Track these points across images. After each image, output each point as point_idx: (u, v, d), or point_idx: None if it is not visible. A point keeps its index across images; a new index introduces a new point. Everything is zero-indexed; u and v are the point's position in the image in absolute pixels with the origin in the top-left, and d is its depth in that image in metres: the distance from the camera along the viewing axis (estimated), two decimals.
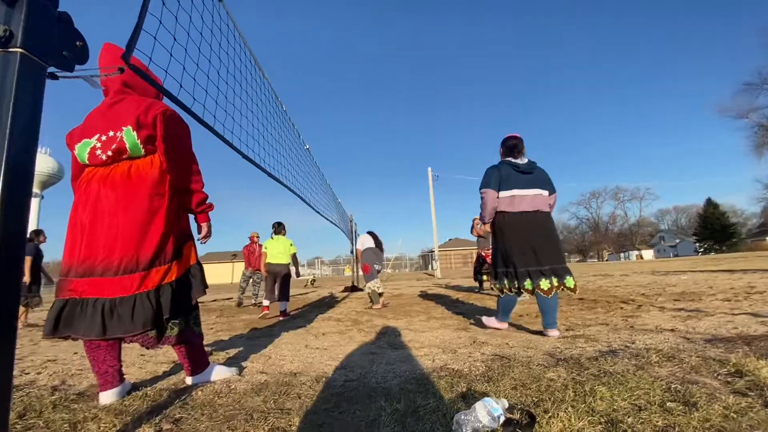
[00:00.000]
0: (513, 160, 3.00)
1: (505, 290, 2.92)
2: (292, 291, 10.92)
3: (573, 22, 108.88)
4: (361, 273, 6.27)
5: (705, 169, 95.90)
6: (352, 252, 12.74)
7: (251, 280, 7.67)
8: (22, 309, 5.35)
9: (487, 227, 3.13)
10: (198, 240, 1.96)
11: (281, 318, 5.06)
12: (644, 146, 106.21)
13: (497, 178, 2.94)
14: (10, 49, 0.77)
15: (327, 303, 7.10)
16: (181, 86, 1.71)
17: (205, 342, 3.35)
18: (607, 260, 56.20)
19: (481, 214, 3.06)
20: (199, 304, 1.98)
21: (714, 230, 46.82)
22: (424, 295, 7.29)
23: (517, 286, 2.82)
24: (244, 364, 2.35)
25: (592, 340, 2.45)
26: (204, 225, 1.96)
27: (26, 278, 5.32)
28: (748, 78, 33.24)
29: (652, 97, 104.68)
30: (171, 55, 1.68)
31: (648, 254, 54.48)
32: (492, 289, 3.17)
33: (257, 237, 7.72)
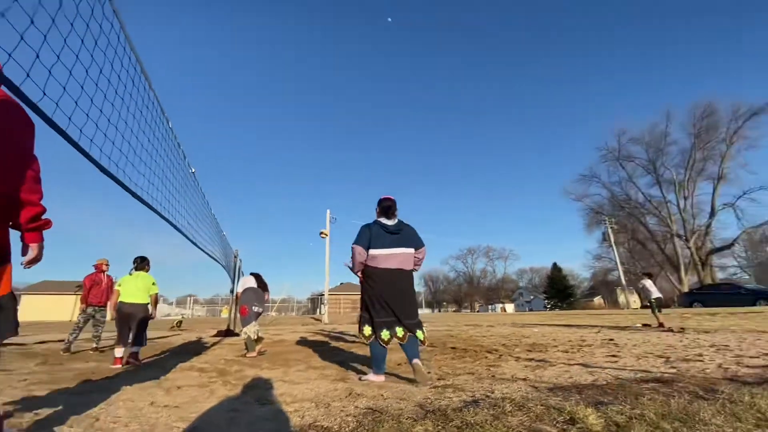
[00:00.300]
0: (383, 221, 3.30)
1: (366, 337, 3.10)
2: (154, 334, 9.34)
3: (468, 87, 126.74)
4: (239, 316, 5.70)
5: (554, 235, 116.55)
6: (232, 291, 11.62)
7: (92, 320, 6.23)
8: None
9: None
10: (21, 264, 1.52)
11: (129, 364, 4.28)
12: (510, 211, 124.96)
13: (368, 236, 3.22)
14: None
15: (192, 349, 6.19)
16: (27, 75, 1.40)
17: (10, 398, 2.55)
18: (478, 311, 62.74)
19: (351, 268, 3.34)
20: (19, 346, 1.51)
21: (558, 290, 56.59)
22: (307, 342, 6.93)
23: (375, 335, 3.05)
24: (57, 429, 1.83)
25: (459, 389, 2.59)
26: (35, 246, 1.51)
27: None
28: (582, 171, 43.53)
29: (515, 169, 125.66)
30: (22, 38, 1.39)
31: (510, 307, 62.37)
32: (358, 336, 3.32)
33: (106, 265, 6.40)
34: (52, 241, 1.63)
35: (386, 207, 3.34)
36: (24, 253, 1.52)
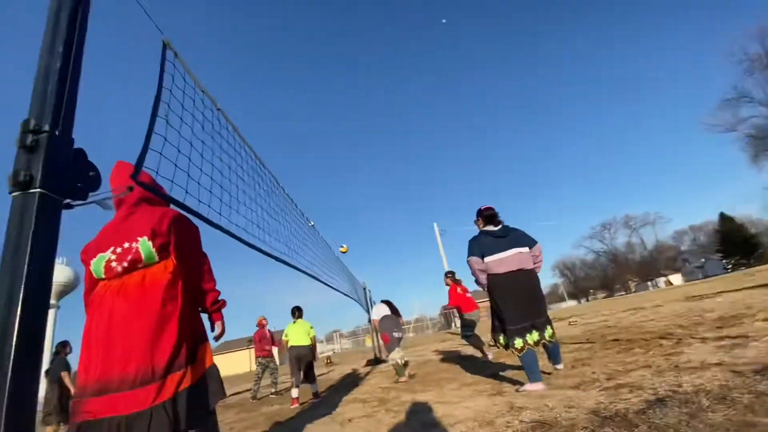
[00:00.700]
0: (489, 229, 3.36)
1: (503, 346, 3.13)
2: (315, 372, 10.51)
3: (566, 53, 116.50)
4: (382, 343, 6.06)
5: (709, 184, 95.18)
6: (369, 321, 12.37)
7: (268, 369, 7.33)
8: (52, 429, 5.10)
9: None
10: (213, 338, 1.95)
11: (314, 400, 5.11)
12: (639, 171, 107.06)
13: (479, 247, 3.28)
14: (30, 191, 0.85)
15: (351, 382, 6.72)
16: (186, 192, 1.82)
17: None
18: (634, 291, 53.66)
19: (476, 280, 3.35)
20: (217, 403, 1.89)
21: (736, 244, 45.31)
22: (452, 359, 6.91)
23: (509, 344, 3.04)
24: None
25: (636, 388, 2.27)
26: (218, 323, 1.96)
27: (74, 392, 5.15)
28: (724, 94, 34.35)
29: (635, 123, 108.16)
30: (176, 165, 1.81)
31: (676, 279, 52.03)
32: (491, 345, 3.49)
33: (265, 321, 7.58)
34: (225, 311, 2.05)
35: (490, 215, 3.41)
36: (212, 329, 1.96)
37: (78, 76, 1.05)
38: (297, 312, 5.92)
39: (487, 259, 3.21)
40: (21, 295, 0.76)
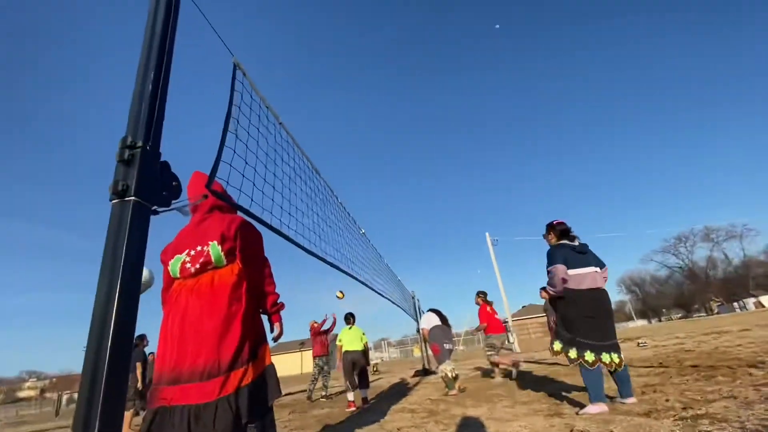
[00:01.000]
0: (570, 243, 3.30)
1: (571, 360, 2.98)
2: None
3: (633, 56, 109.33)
4: (431, 353, 6.00)
5: None
6: (418, 331, 12.25)
7: (322, 371, 7.52)
8: (130, 414, 5.68)
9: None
10: (272, 339, 2.06)
11: (364, 405, 5.18)
12: (720, 178, 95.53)
13: (563, 256, 3.17)
14: (126, 199, 0.98)
15: (399, 391, 6.69)
16: (252, 200, 1.96)
17: None
18: (717, 312, 47.55)
19: (554, 290, 3.19)
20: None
21: None
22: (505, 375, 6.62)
23: (579, 356, 2.91)
24: None
25: (718, 420, 2.02)
26: (277, 324, 2.07)
27: (139, 384, 5.75)
28: None
29: (713, 132, 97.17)
30: (243, 175, 1.96)
31: None
32: (556, 356, 3.22)
33: (316, 323, 7.84)
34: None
35: (564, 230, 3.39)
36: (272, 330, 2.08)
37: (165, 98, 1.19)
38: (351, 318, 6.09)
39: (570, 271, 3.13)
40: (117, 292, 0.87)
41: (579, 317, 3.03)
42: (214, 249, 1.86)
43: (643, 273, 67.11)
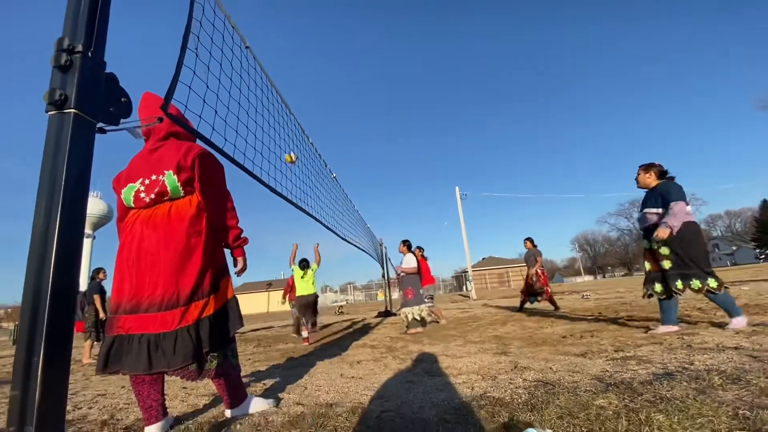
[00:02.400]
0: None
1: (677, 291, 3.19)
2: (328, 319, 11.08)
3: (604, 29, 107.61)
4: (396, 296, 6.36)
5: (755, 169, 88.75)
6: (383, 276, 12.69)
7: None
8: (89, 343, 5.68)
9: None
10: (234, 273, 2.04)
11: (315, 330, 6.34)
12: (682, 150, 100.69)
13: (683, 194, 3.31)
14: (65, 110, 0.86)
15: (361, 329, 7.04)
16: (213, 129, 1.82)
17: (244, 373, 3.40)
18: None
19: (671, 223, 3.19)
20: (238, 335, 2.02)
21: None
22: (460, 318, 7.09)
23: (719, 284, 3.09)
24: (280, 395, 2.35)
25: (644, 361, 2.28)
26: (240, 259, 2.03)
27: (101, 315, 5.68)
28: None
29: (686, 97, 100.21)
30: (204, 101, 1.80)
31: None
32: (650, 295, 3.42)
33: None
34: (247, 250, 2.12)
35: (665, 171, 3.55)
36: (235, 265, 2.04)
37: None
38: (304, 264, 6.47)
39: (689, 207, 3.32)
40: (59, 211, 0.79)
41: (703, 247, 3.24)
42: (170, 179, 1.75)
43: (596, 234, 72.19)
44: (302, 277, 6.33)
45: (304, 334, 5.51)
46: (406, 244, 6.11)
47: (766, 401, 1.40)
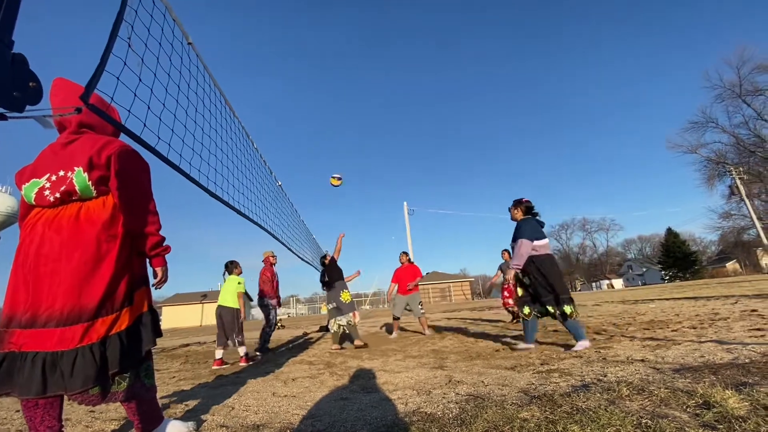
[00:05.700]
0: (536, 218, 3.97)
1: (533, 314, 3.69)
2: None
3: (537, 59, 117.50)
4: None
5: (662, 199, 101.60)
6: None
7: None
8: None
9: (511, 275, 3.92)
10: (152, 285, 1.85)
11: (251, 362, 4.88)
12: (605, 179, 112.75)
13: (533, 232, 3.76)
14: None
15: (300, 345, 6.81)
16: (144, 125, 1.68)
17: (165, 393, 3.11)
18: (579, 290, 57.32)
19: (513, 264, 3.78)
20: (165, 350, 1.84)
21: (677, 258, 48.97)
22: (402, 333, 7.13)
23: (543, 311, 3.61)
24: (203, 416, 2.18)
25: (566, 374, 2.44)
26: (159, 269, 1.81)
27: None
28: (692, 117, 35.90)
29: (608, 130, 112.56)
30: (135, 94, 1.67)
31: (618, 283, 56.09)
32: (518, 316, 4.01)
33: (273, 257, 6.78)
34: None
35: (531, 206, 4.02)
36: (154, 276, 1.83)
37: None
38: (229, 266, 5.31)
39: (539, 242, 3.73)
40: None
41: (557, 276, 3.64)
42: (79, 177, 1.56)
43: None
44: (223, 281, 5.21)
45: (218, 354, 4.71)
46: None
47: (665, 410, 1.56)
